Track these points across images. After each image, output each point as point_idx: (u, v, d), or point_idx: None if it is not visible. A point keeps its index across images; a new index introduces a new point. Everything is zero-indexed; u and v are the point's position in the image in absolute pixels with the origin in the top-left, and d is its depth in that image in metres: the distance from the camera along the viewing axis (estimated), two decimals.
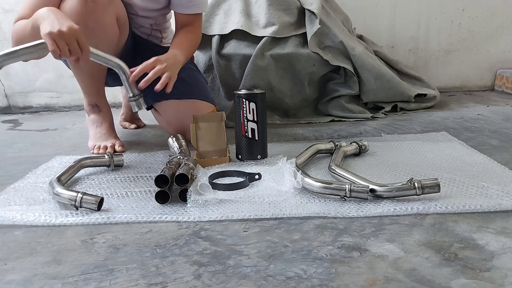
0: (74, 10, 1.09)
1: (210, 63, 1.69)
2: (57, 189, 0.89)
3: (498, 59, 2.24)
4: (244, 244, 0.72)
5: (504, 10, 2.17)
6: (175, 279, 0.62)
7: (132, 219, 0.82)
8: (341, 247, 0.69)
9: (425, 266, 0.63)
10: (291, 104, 1.69)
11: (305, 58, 1.64)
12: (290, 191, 0.89)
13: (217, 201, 0.88)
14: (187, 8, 1.28)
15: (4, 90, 2.17)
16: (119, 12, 1.20)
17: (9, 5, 2.06)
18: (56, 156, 1.26)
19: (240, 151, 1.15)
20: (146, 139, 1.47)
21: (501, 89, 2.21)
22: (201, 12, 1.33)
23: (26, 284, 0.62)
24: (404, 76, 1.88)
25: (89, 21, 1.11)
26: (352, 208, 0.82)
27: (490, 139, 1.29)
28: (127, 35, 1.29)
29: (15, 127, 1.83)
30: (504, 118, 1.58)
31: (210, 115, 1.17)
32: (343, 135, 1.41)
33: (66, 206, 0.87)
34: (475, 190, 0.88)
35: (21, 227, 0.81)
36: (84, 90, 1.32)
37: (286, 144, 1.32)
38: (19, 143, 1.50)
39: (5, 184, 1.03)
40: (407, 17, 2.18)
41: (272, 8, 1.72)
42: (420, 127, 1.48)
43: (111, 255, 0.70)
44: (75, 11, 1.09)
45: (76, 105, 2.17)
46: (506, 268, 0.62)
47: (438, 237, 0.71)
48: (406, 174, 0.99)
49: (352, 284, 0.59)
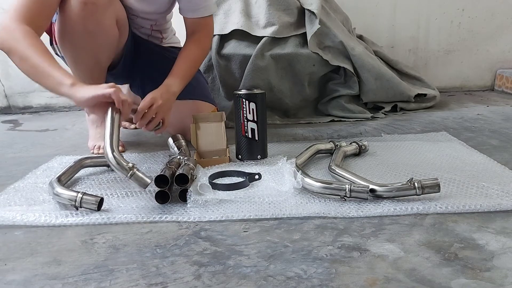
0: (74, 12, 1.09)
1: (210, 63, 1.69)
2: (57, 189, 0.89)
3: (498, 59, 2.24)
4: (244, 244, 0.72)
5: (504, 10, 2.17)
6: (175, 279, 0.62)
7: (132, 219, 0.82)
8: (341, 247, 0.69)
9: (425, 266, 0.63)
10: (291, 104, 1.69)
11: (305, 58, 1.64)
12: (290, 191, 0.89)
13: (217, 201, 0.88)
14: (194, 12, 1.25)
15: (4, 90, 2.17)
16: (119, 13, 1.20)
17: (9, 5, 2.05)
18: (56, 156, 1.26)
19: (240, 151, 1.15)
20: (146, 139, 1.47)
21: (501, 89, 2.21)
22: (209, 14, 1.28)
23: (26, 285, 0.62)
24: (404, 76, 1.88)
25: (88, 24, 1.11)
26: (352, 208, 0.82)
27: (490, 139, 1.29)
28: (127, 36, 1.29)
29: (15, 127, 1.83)
30: (504, 118, 1.58)
31: (210, 115, 1.17)
32: (343, 135, 1.41)
33: (66, 206, 0.87)
34: (475, 190, 0.88)
35: (21, 228, 0.81)
36: None
37: (286, 144, 1.32)
38: (19, 144, 1.50)
39: (5, 185, 1.03)
40: (407, 17, 2.18)
41: (272, 8, 1.72)
42: (420, 127, 1.48)
43: (111, 255, 0.70)
44: (74, 13, 1.09)
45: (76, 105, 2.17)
46: (506, 268, 0.62)
47: (438, 237, 0.71)
48: (406, 174, 0.99)
49: (352, 284, 0.59)
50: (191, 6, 1.24)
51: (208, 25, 1.30)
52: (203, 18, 1.26)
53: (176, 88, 1.15)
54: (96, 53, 1.20)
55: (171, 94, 1.13)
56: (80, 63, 1.21)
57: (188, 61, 1.22)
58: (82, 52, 1.18)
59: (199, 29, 1.27)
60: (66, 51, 1.19)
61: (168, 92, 1.12)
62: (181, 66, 1.21)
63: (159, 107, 1.07)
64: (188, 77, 1.22)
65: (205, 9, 1.26)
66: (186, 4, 1.24)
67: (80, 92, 0.93)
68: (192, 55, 1.24)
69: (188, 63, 1.22)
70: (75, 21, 1.09)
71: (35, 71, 0.97)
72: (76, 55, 1.20)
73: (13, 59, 0.99)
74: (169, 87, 1.14)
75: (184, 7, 1.25)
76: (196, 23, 1.27)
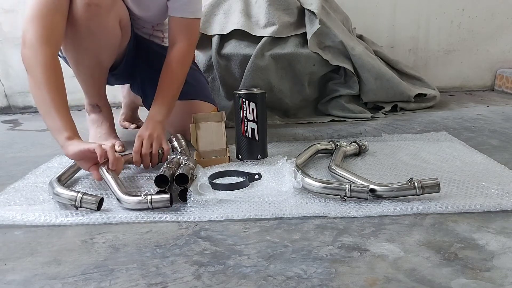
0: (77, 13, 1.09)
1: (210, 63, 1.69)
2: (57, 189, 0.89)
3: (498, 59, 2.24)
4: (244, 244, 0.72)
5: (504, 10, 2.17)
6: (175, 279, 0.62)
7: (132, 219, 0.82)
8: (341, 247, 0.69)
9: (425, 266, 0.63)
10: (291, 104, 1.69)
11: (305, 58, 1.64)
12: (290, 191, 0.89)
13: (217, 201, 0.88)
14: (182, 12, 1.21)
15: (4, 90, 2.17)
16: (122, 15, 1.20)
17: (9, 5, 2.06)
18: (56, 156, 1.26)
19: (240, 151, 1.15)
20: None
21: (501, 89, 2.21)
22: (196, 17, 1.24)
23: (26, 284, 0.62)
24: (404, 76, 1.88)
25: (92, 24, 1.11)
26: (352, 208, 0.82)
27: (490, 139, 1.29)
28: (130, 37, 1.29)
29: (15, 127, 1.83)
30: (504, 118, 1.58)
31: (210, 115, 1.17)
32: (343, 135, 1.41)
33: (66, 206, 0.87)
34: (475, 190, 0.88)
35: (21, 227, 0.81)
36: (85, 90, 1.32)
37: (286, 144, 1.32)
38: (19, 143, 1.50)
39: (5, 184, 1.03)
40: (407, 17, 2.18)
41: (272, 8, 1.72)
42: (420, 127, 1.48)
43: (111, 255, 0.70)
44: (78, 14, 1.09)
45: (76, 105, 2.17)
46: (506, 268, 0.62)
47: (438, 237, 0.71)
48: (406, 174, 0.99)
49: (352, 284, 0.59)
50: (180, 5, 1.20)
51: (193, 30, 1.25)
52: (190, 20, 1.22)
53: (161, 117, 1.15)
54: (98, 53, 1.20)
55: (157, 123, 1.12)
56: (82, 64, 1.22)
57: (172, 84, 1.20)
58: (84, 52, 1.18)
59: (183, 35, 1.22)
60: (68, 51, 1.19)
61: (154, 122, 1.12)
62: (164, 91, 1.18)
63: (149, 138, 1.07)
64: (173, 101, 1.20)
65: (194, 11, 1.22)
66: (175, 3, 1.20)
67: (71, 146, 0.94)
68: (175, 76, 1.20)
69: (172, 86, 1.20)
70: (78, 22, 1.09)
71: (42, 105, 0.98)
72: (78, 56, 1.20)
73: (29, 80, 1.00)
74: (154, 117, 1.14)
75: (172, 6, 1.22)
76: (182, 24, 1.22)
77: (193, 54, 1.32)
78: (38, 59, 0.98)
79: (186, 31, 1.23)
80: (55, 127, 0.97)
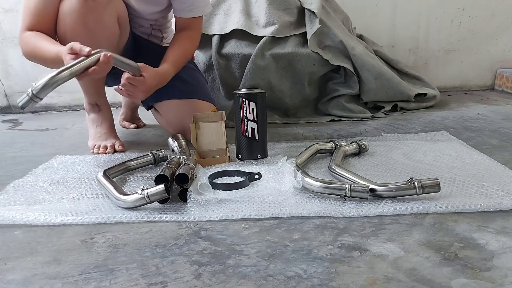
0: (74, 9, 1.08)
1: (210, 63, 1.69)
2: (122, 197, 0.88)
3: (498, 59, 2.24)
4: (244, 243, 0.72)
5: (504, 10, 2.17)
6: (175, 279, 0.62)
7: (132, 218, 0.82)
8: (341, 246, 0.69)
9: (425, 265, 0.63)
10: (291, 103, 1.69)
11: (305, 58, 1.64)
12: (290, 191, 0.89)
13: (217, 201, 0.88)
14: (188, 12, 1.27)
15: (4, 90, 2.17)
16: (120, 11, 1.20)
17: (9, 5, 2.06)
18: (56, 156, 1.26)
19: (240, 151, 1.15)
20: (146, 139, 1.47)
21: (501, 88, 2.21)
22: (202, 15, 1.32)
23: (26, 284, 0.62)
24: (404, 75, 1.88)
25: (88, 20, 1.11)
26: (352, 208, 0.82)
27: (490, 139, 1.29)
28: (128, 35, 1.29)
29: (15, 126, 1.83)
30: (504, 118, 1.58)
31: (210, 115, 1.17)
32: (343, 135, 1.41)
33: (65, 206, 0.87)
34: (475, 189, 0.87)
35: (21, 227, 0.81)
36: (84, 90, 1.32)
37: (286, 143, 1.32)
38: (19, 143, 1.50)
39: (5, 184, 1.03)
40: (407, 17, 2.18)
41: (272, 8, 1.72)
42: (420, 126, 1.48)
43: (111, 255, 0.70)
44: (74, 10, 1.08)
45: (76, 105, 2.17)
46: (506, 267, 0.62)
47: (438, 237, 0.71)
48: (406, 174, 0.99)
49: (352, 284, 0.59)
50: (186, 6, 1.25)
51: (198, 25, 1.34)
52: (195, 18, 1.30)
53: (170, 76, 1.22)
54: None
55: (164, 78, 1.20)
56: None
57: (181, 51, 1.27)
58: None
59: (190, 28, 1.30)
60: None
61: (162, 77, 1.19)
62: (174, 53, 1.25)
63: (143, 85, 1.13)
64: (180, 66, 1.27)
65: (198, 10, 1.29)
66: (181, 5, 1.25)
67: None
68: (183, 46, 1.28)
69: (181, 52, 1.27)
70: (75, 18, 1.09)
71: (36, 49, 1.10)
72: None
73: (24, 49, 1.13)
74: (165, 73, 1.20)
75: (178, 7, 1.25)
76: (187, 23, 1.29)
77: (198, 41, 1.38)
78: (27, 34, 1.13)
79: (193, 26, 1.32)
80: (52, 51, 1.05)
